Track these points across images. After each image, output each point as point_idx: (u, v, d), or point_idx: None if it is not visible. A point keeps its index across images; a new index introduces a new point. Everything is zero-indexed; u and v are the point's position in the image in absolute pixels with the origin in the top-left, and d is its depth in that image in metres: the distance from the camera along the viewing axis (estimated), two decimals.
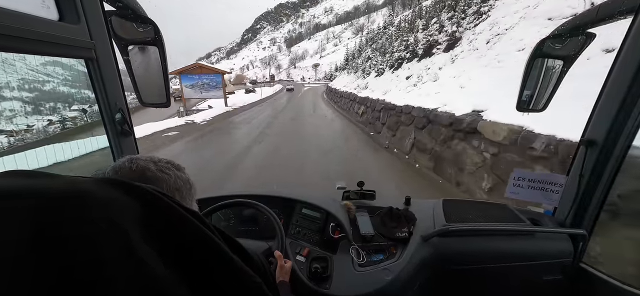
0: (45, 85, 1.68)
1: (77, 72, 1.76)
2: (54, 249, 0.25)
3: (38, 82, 1.59)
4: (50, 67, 1.71)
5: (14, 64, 1.25)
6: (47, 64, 1.60)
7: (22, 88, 1.46)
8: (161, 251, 0.32)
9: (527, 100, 1.20)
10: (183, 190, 0.52)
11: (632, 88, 0.93)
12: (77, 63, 0.91)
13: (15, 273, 0.24)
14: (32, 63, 1.21)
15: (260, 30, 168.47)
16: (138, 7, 0.92)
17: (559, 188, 1.22)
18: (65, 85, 1.98)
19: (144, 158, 0.51)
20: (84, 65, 0.92)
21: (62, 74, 1.90)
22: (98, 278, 0.26)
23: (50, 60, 1.39)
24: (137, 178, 0.47)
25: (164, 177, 0.50)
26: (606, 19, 0.93)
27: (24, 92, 1.49)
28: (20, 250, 0.24)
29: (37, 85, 1.58)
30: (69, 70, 1.79)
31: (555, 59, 1.11)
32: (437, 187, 5.43)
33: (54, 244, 0.25)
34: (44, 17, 0.73)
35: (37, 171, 0.33)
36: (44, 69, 1.63)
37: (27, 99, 1.52)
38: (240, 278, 0.39)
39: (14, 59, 1.08)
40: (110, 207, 0.30)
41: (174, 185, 0.50)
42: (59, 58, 0.85)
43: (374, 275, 1.06)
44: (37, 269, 0.24)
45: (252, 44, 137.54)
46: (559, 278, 1.17)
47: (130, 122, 1.06)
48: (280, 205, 1.36)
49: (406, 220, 1.27)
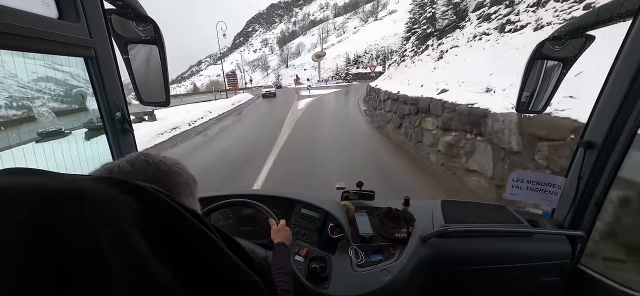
0: (35, 101, 1.67)
1: (69, 87, 1.75)
2: (53, 248, 0.25)
3: (26, 98, 1.57)
4: (42, 83, 1.69)
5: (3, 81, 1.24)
6: (39, 80, 1.58)
7: (10, 107, 1.43)
8: (159, 249, 0.32)
9: (526, 101, 1.20)
10: (192, 187, 0.52)
11: (631, 90, 0.93)
12: (72, 78, 0.91)
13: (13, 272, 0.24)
14: (24, 80, 1.21)
15: (252, 33, 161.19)
16: (138, 6, 0.92)
17: (558, 190, 1.22)
18: (56, 101, 1.97)
19: (155, 154, 0.51)
20: (84, 68, 0.92)
21: (55, 89, 1.88)
22: (96, 277, 0.26)
23: (43, 76, 1.39)
24: (154, 171, 0.47)
25: (179, 172, 0.50)
26: (606, 21, 0.94)
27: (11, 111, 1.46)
28: (19, 249, 0.24)
29: (25, 102, 1.56)
30: (62, 85, 1.77)
31: (554, 61, 1.12)
32: None
33: (52, 243, 0.25)
34: (43, 15, 0.73)
35: (37, 169, 0.33)
36: (36, 85, 1.62)
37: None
38: (238, 277, 0.39)
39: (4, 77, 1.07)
40: (108, 206, 0.30)
41: (185, 179, 0.51)
42: (52, 73, 0.85)
43: (372, 276, 1.06)
44: (36, 268, 0.24)
45: (243, 47, 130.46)
46: (557, 279, 1.17)
47: (130, 121, 1.06)
48: (279, 204, 1.36)
49: (405, 221, 1.27)
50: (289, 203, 1.39)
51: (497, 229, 1.22)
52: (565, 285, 1.17)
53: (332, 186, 1.52)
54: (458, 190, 4.52)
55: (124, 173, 0.45)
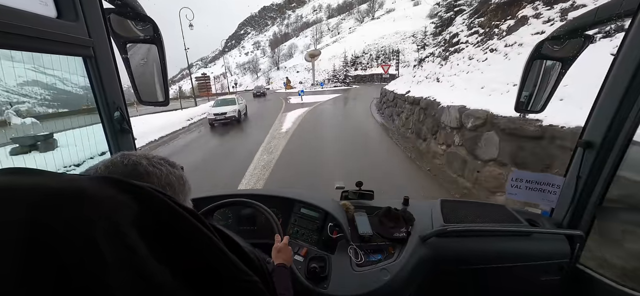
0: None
1: (56, 91, 1.74)
2: (52, 248, 0.25)
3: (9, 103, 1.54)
4: (28, 88, 1.66)
5: None
6: (25, 84, 1.55)
7: None
8: (157, 249, 0.32)
9: (525, 101, 1.21)
10: (175, 186, 0.52)
11: (629, 90, 0.93)
12: (59, 82, 0.91)
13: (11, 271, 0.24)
14: (9, 83, 1.19)
15: (244, 35, 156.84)
16: (137, 5, 0.92)
17: (557, 189, 1.22)
18: (42, 106, 1.93)
19: (136, 154, 0.51)
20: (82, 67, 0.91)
21: (41, 93, 1.85)
22: (95, 277, 0.26)
23: (29, 80, 1.37)
24: (129, 173, 0.47)
25: (155, 172, 0.49)
26: (604, 21, 0.94)
27: None
28: (17, 248, 0.24)
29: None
30: (49, 89, 1.75)
31: (553, 61, 1.12)
32: None
33: (51, 243, 0.25)
34: (42, 14, 0.73)
35: (36, 169, 0.33)
36: (21, 89, 1.59)
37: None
38: (237, 277, 0.39)
39: None
40: (106, 205, 0.30)
41: (165, 180, 0.50)
42: (40, 77, 0.85)
43: (372, 275, 1.06)
44: (34, 268, 0.24)
45: (234, 50, 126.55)
46: (556, 278, 1.17)
47: (129, 120, 1.06)
48: (279, 204, 1.36)
49: (404, 220, 1.27)
50: (289, 203, 1.39)
51: (496, 228, 1.22)
52: (564, 284, 1.18)
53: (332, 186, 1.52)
54: None
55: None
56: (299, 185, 4.89)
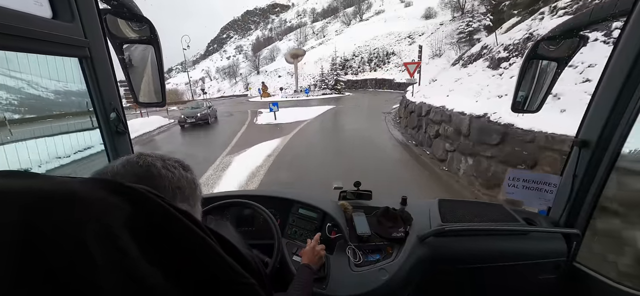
0: None
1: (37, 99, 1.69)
2: (42, 251, 0.25)
3: None
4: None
5: None
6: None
7: None
8: (149, 250, 0.31)
9: (521, 101, 1.21)
10: (186, 190, 0.51)
11: (624, 89, 0.94)
12: (44, 89, 0.87)
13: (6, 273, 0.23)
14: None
15: (226, 39, 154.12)
16: (133, 5, 0.91)
17: (553, 188, 1.23)
18: (16, 113, 1.88)
19: (153, 156, 0.51)
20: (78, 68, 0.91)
21: (18, 98, 1.80)
22: (85, 279, 0.26)
23: (12, 86, 1.33)
24: (143, 174, 0.47)
25: (168, 175, 0.49)
26: (599, 21, 0.95)
27: None
28: (11, 250, 0.24)
29: None
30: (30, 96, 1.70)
31: (549, 61, 1.13)
32: None
33: (41, 246, 0.25)
34: (37, 15, 0.72)
35: (27, 171, 0.32)
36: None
37: None
38: (232, 279, 0.39)
39: None
40: (97, 207, 0.30)
41: (177, 183, 0.50)
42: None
43: (370, 275, 1.06)
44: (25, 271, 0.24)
45: (216, 54, 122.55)
46: (553, 277, 1.18)
47: (125, 122, 1.05)
48: (277, 205, 1.36)
49: (402, 220, 1.28)
50: (287, 203, 1.39)
51: (493, 227, 1.22)
52: (561, 282, 1.18)
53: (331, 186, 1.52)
54: None
55: (114, 175, 0.45)
56: None
